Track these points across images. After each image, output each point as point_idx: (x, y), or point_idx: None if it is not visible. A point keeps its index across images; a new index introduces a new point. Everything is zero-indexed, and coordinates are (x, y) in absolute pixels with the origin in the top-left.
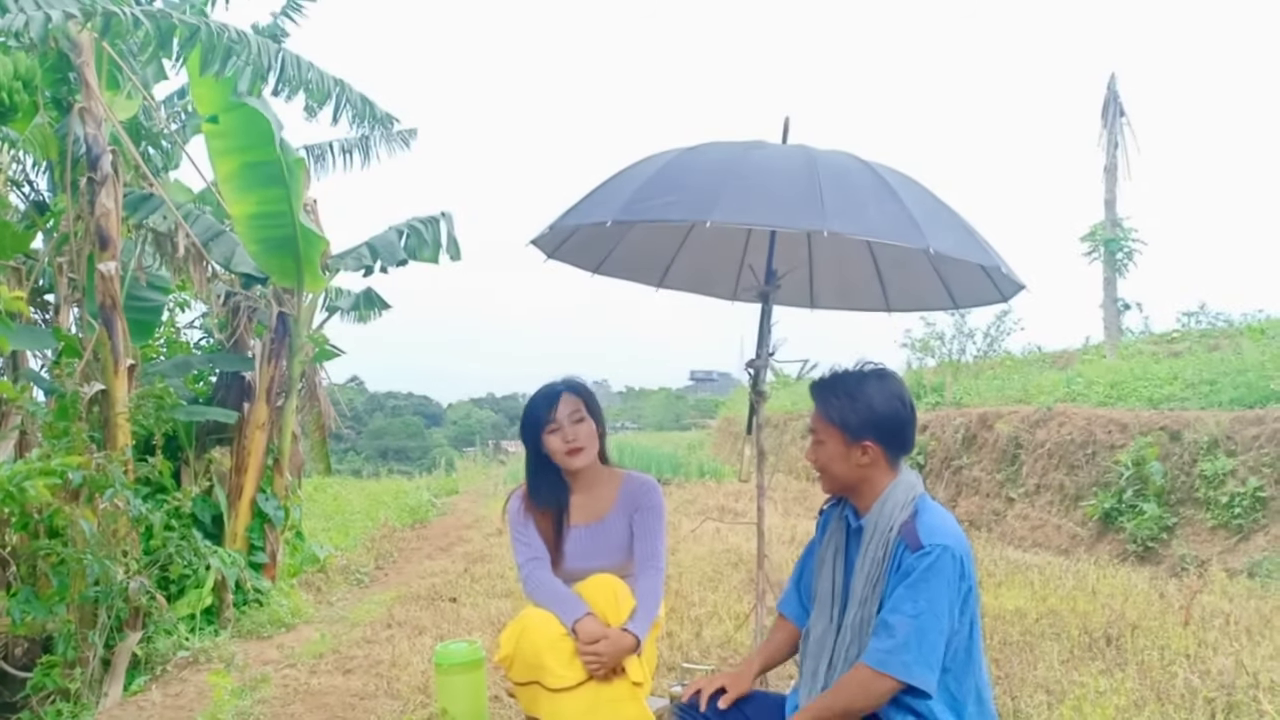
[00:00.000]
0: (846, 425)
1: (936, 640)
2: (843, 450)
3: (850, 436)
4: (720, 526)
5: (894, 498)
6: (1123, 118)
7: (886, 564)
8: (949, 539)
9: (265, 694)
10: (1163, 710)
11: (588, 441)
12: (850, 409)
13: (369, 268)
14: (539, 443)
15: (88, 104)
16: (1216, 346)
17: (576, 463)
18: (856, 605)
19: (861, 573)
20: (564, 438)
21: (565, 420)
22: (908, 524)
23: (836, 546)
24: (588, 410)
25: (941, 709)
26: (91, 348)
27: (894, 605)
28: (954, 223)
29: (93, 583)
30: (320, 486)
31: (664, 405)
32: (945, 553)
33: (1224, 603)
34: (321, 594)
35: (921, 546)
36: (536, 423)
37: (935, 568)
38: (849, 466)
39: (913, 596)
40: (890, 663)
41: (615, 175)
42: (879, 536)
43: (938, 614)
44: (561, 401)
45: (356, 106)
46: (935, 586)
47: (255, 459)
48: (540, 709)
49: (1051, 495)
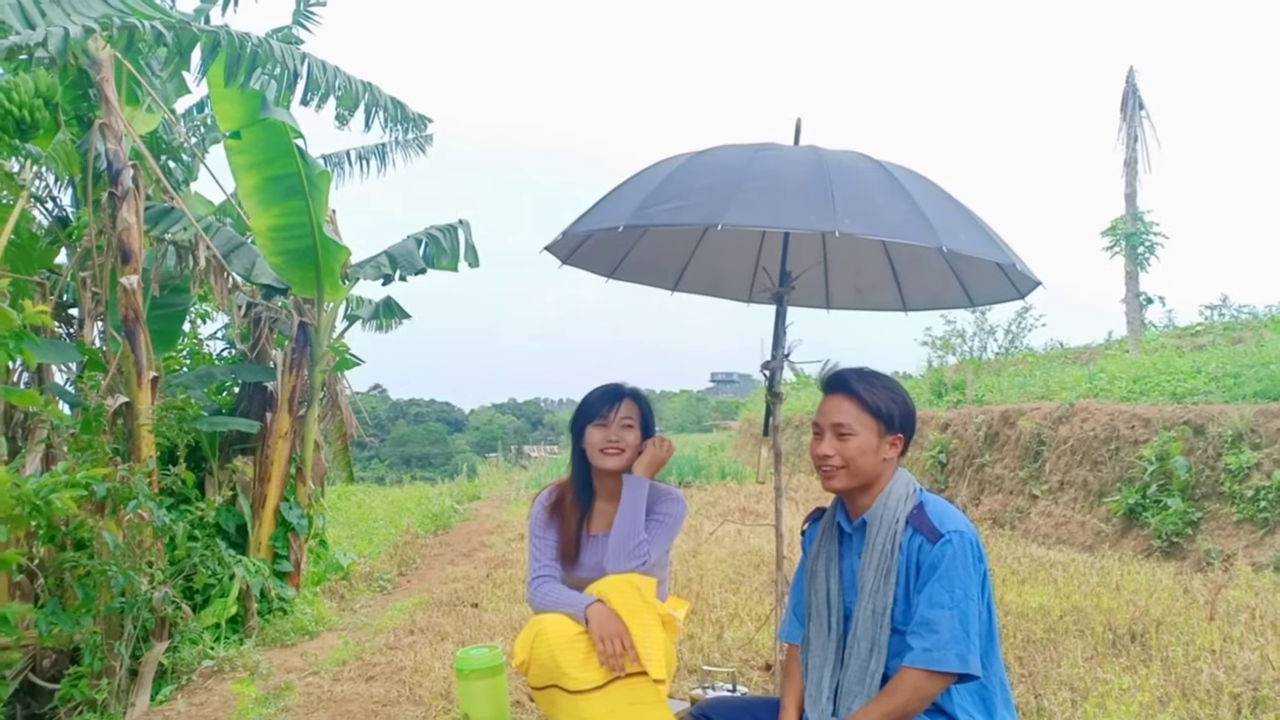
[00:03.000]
0: (889, 416)
1: (976, 625)
2: (875, 443)
3: (886, 427)
4: (741, 529)
5: (897, 491)
6: (1142, 111)
7: (897, 555)
8: (961, 524)
9: (289, 702)
10: (1187, 706)
11: (629, 447)
12: (891, 400)
13: (388, 276)
14: (583, 434)
15: (108, 120)
16: (1240, 339)
17: (609, 464)
18: (867, 596)
19: (869, 566)
20: (607, 435)
21: (615, 421)
22: (916, 514)
23: (828, 555)
24: (641, 422)
25: (968, 697)
26: (116, 361)
27: (931, 600)
28: (967, 220)
29: (118, 594)
30: (343, 494)
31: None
32: (963, 539)
33: (1249, 597)
34: (345, 601)
35: (941, 535)
36: (590, 413)
37: (958, 554)
38: (876, 460)
39: (948, 588)
40: (943, 659)
41: (627, 181)
42: (885, 529)
43: (972, 599)
44: (622, 404)
45: (388, 110)
46: (962, 572)
47: (278, 468)
48: (560, 712)
49: (1075, 492)
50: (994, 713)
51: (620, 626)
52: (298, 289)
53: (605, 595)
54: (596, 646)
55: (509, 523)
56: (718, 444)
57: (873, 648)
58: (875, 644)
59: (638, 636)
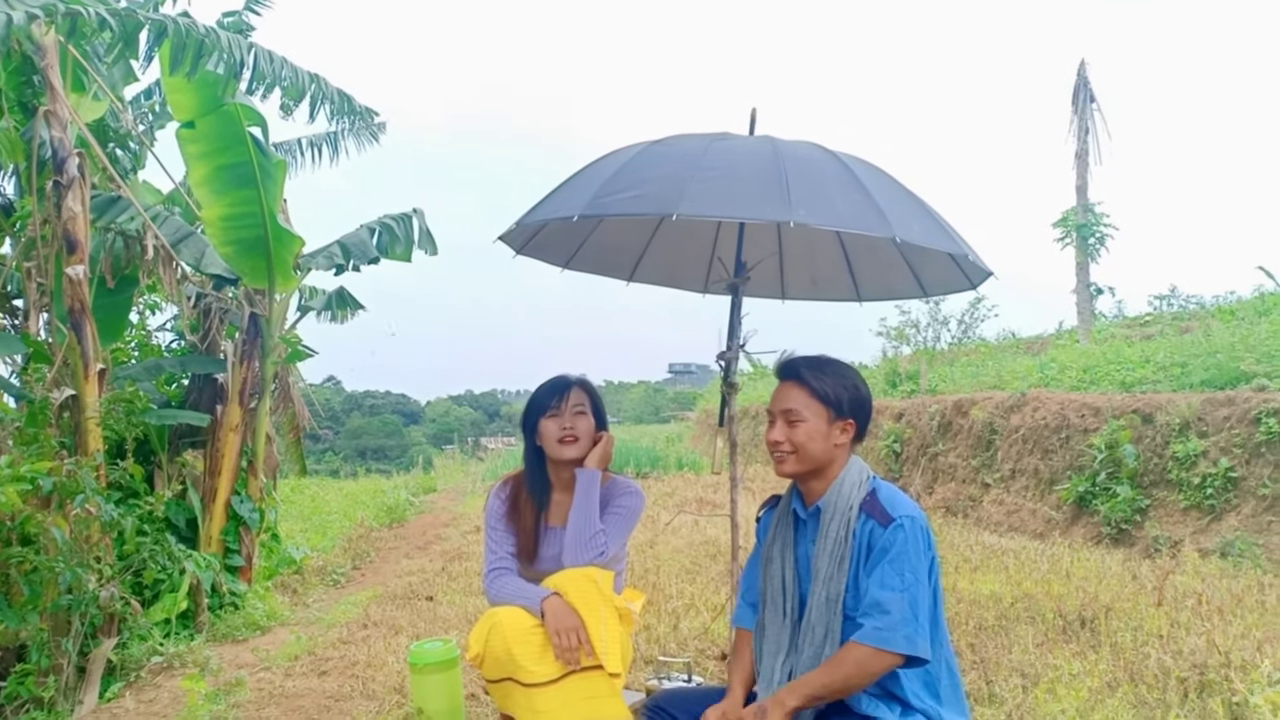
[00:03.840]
0: (837, 402)
1: (925, 608)
2: (824, 429)
3: (835, 413)
4: (698, 519)
5: (850, 478)
6: (1093, 104)
7: (851, 541)
8: (912, 509)
9: (240, 698)
10: (1136, 691)
11: (583, 434)
12: (839, 386)
13: (341, 266)
14: (536, 429)
15: (53, 107)
16: (1187, 329)
17: (567, 452)
18: (821, 583)
19: (824, 552)
20: (561, 424)
21: (567, 410)
22: (869, 500)
23: (784, 541)
24: (591, 408)
25: (917, 682)
26: (61, 353)
27: (881, 581)
28: (920, 211)
29: (65, 590)
30: (297, 488)
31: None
32: (914, 524)
33: (1196, 583)
34: (298, 596)
35: (892, 519)
36: (540, 408)
37: (910, 539)
38: (826, 445)
39: (898, 570)
40: (892, 639)
41: (582, 170)
42: (839, 516)
43: (921, 583)
44: (571, 392)
45: (334, 101)
46: (913, 556)
47: (229, 461)
48: (515, 706)
49: (1026, 480)
50: (941, 697)
51: (576, 620)
52: (249, 279)
53: (561, 588)
54: (552, 640)
55: (465, 515)
56: (675, 435)
57: (826, 634)
58: (829, 630)
59: (594, 630)
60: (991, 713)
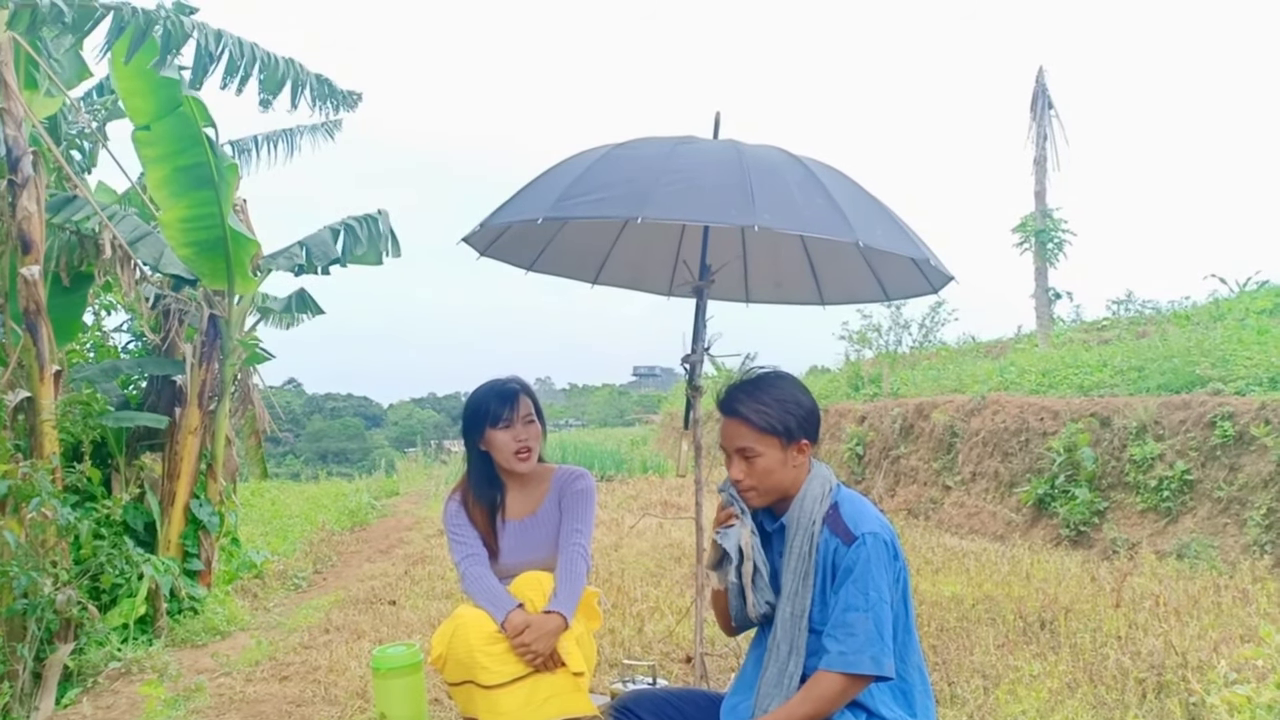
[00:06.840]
0: (786, 429)
1: (889, 626)
2: (781, 456)
3: (786, 440)
4: (662, 522)
5: (811, 491)
6: (1051, 110)
7: (814, 557)
8: (875, 525)
9: (199, 704)
10: (1095, 692)
11: (536, 444)
12: (784, 411)
13: (301, 267)
14: (481, 438)
15: (7, 104)
16: (1144, 334)
17: (524, 466)
18: (786, 599)
19: (788, 569)
20: (515, 436)
21: (520, 420)
22: (831, 515)
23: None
24: (536, 413)
25: (888, 693)
26: (16, 355)
27: (846, 603)
28: (883, 216)
29: (20, 595)
30: (257, 491)
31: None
32: (876, 540)
33: (1154, 584)
34: (258, 600)
35: (855, 538)
36: (490, 417)
37: (872, 556)
38: (787, 471)
39: (862, 590)
40: (859, 662)
41: (546, 172)
42: (803, 531)
43: (885, 601)
44: (520, 401)
45: (314, 87)
46: (876, 574)
47: (188, 464)
48: (477, 708)
49: (987, 482)
50: (914, 704)
51: (534, 630)
52: (208, 280)
53: (524, 596)
54: (516, 651)
55: (428, 519)
56: (640, 438)
57: (791, 649)
58: (794, 646)
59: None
60: (953, 714)
